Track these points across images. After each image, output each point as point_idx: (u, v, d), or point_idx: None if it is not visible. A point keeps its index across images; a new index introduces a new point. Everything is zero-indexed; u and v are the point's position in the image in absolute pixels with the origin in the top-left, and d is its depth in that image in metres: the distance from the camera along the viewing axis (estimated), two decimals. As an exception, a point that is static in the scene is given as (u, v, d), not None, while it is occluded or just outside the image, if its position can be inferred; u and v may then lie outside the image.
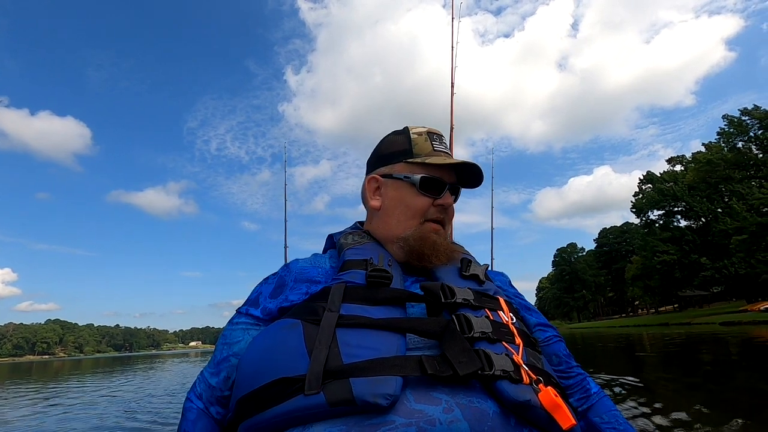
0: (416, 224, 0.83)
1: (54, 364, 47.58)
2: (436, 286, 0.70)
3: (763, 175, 30.23)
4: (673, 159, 47.43)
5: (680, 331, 23.39)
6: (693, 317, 36.65)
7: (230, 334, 0.76)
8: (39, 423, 5.45)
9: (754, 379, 5.20)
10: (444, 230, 0.86)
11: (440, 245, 0.81)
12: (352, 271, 0.75)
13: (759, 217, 26.58)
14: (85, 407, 6.82)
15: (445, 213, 0.86)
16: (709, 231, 39.25)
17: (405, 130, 0.89)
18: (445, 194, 0.84)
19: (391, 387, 0.53)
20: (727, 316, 31.48)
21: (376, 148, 0.94)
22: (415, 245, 0.81)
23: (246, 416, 0.60)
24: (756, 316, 29.10)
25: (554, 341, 0.83)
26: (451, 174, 0.87)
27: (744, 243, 28.54)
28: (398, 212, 0.85)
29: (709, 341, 12.78)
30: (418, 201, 0.83)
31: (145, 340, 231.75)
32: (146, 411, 6.03)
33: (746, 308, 33.64)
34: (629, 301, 62.88)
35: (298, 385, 0.56)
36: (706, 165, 33.93)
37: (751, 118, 30.88)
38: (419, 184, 0.83)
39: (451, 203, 0.86)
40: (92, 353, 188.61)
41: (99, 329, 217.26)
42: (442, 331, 0.62)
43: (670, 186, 43.08)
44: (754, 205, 26.42)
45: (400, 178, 0.85)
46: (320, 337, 0.60)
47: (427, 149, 0.85)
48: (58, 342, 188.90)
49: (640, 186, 47.26)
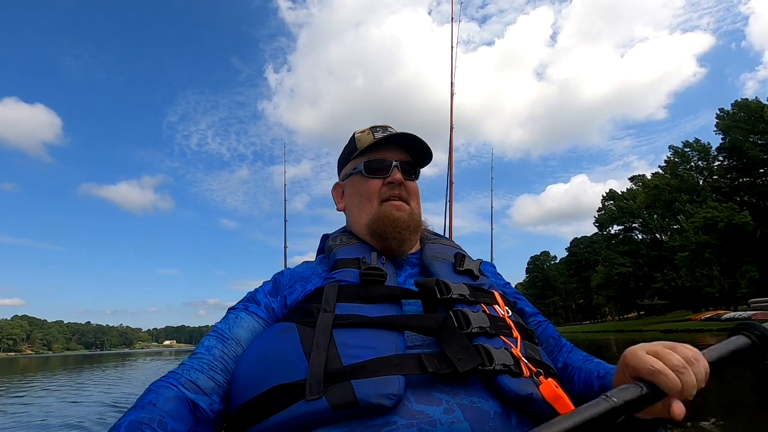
0: (375, 207, 0.86)
1: (20, 362, 46.28)
2: (431, 282, 0.70)
3: (701, 199, 33.96)
4: (634, 177, 51.34)
5: (632, 336, 26.85)
6: (646, 325, 40.24)
7: (228, 329, 0.71)
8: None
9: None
10: (408, 206, 0.87)
11: (400, 219, 0.83)
12: (344, 269, 0.76)
13: (698, 237, 29.91)
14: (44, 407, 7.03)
15: (399, 189, 0.86)
16: (662, 246, 43.11)
17: (352, 135, 0.94)
18: (393, 171, 0.86)
19: (395, 387, 0.53)
20: (673, 324, 35.12)
21: (337, 161, 0.99)
22: (376, 226, 0.83)
23: (247, 425, 0.58)
24: (697, 324, 32.64)
25: (545, 325, 0.84)
26: (399, 153, 0.89)
27: (686, 259, 32.07)
28: (357, 202, 0.89)
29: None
30: (369, 184, 0.87)
31: (117, 338, 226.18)
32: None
33: (690, 317, 37.35)
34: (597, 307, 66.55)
35: (299, 391, 0.55)
36: (654, 189, 38.16)
37: (692, 150, 35.35)
38: (364, 169, 0.87)
39: (401, 179, 0.86)
40: (61, 351, 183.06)
41: (69, 326, 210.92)
42: (440, 328, 0.62)
43: (629, 203, 46.85)
44: (698, 225, 29.73)
45: (351, 173, 0.91)
46: (317, 339, 0.59)
47: (368, 140, 0.88)
48: (25, 339, 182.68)
49: (603, 202, 51.06)
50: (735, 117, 31.88)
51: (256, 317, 0.74)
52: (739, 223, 27.36)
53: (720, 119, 33.13)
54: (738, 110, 31.84)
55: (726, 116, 32.69)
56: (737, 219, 27.52)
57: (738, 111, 31.81)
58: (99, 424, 5.98)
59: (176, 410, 0.59)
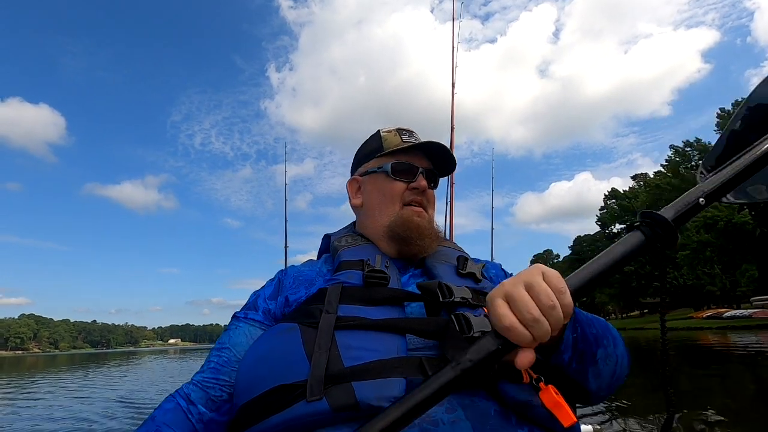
0: (397, 209, 0.86)
1: (27, 360, 46.42)
2: (433, 285, 0.69)
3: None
4: (637, 176, 51.57)
5: (633, 334, 27.25)
6: (647, 323, 40.51)
7: (227, 339, 0.75)
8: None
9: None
10: (426, 214, 0.88)
11: (424, 227, 0.84)
12: (348, 271, 0.76)
13: (698, 236, 30.19)
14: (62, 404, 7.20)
15: (422, 196, 0.87)
16: (664, 244, 42.91)
17: (377, 133, 0.94)
18: (418, 177, 0.87)
19: (395, 389, 0.53)
20: (674, 322, 35.48)
21: (354, 155, 0.99)
22: (399, 230, 0.83)
23: (247, 425, 0.59)
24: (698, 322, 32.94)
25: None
26: (424, 160, 0.90)
27: (687, 258, 32.36)
28: (378, 202, 0.89)
29: (644, 343, 14.98)
30: (394, 186, 0.87)
31: (122, 336, 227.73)
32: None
33: (691, 315, 37.69)
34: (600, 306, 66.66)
35: (299, 392, 0.55)
36: (655, 188, 38.50)
37: (693, 149, 35.61)
38: (391, 170, 0.87)
39: (425, 186, 0.87)
40: (67, 349, 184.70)
41: (75, 325, 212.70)
42: (442, 332, 0.61)
43: (631, 202, 47.01)
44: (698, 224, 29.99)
45: (374, 171, 0.90)
46: (319, 340, 0.60)
47: (396, 142, 0.89)
48: (33, 337, 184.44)
49: (606, 201, 51.30)
50: (735, 116, 31.98)
51: (255, 324, 0.76)
52: (739, 223, 27.64)
53: (721, 119, 33.38)
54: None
55: (727, 116, 32.87)
56: (737, 218, 27.80)
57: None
58: (105, 417, 6.23)
59: (173, 420, 0.66)
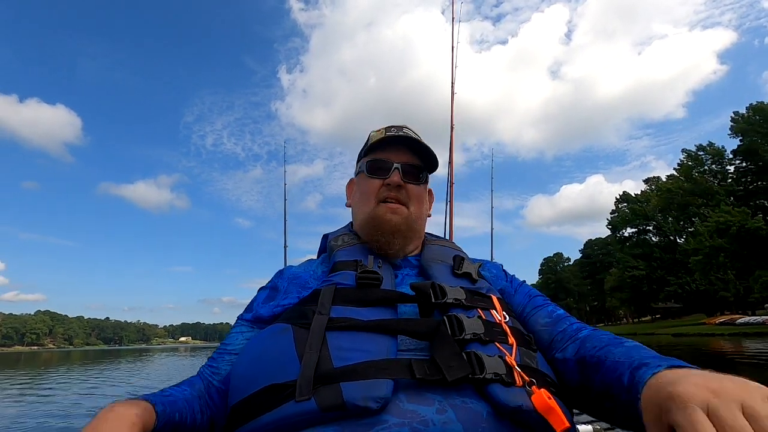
0: (372, 207, 0.86)
1: (43, 355, 46.98)
2: (426, 286, 0.69)
3: (715, 203, 33.80)
4: (649, 179, 50.98)
5: (643, 340, 26.99)
6: (659, 328, 40.09)
7: (228, 340, 0.79)
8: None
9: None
10: (406, 210, 0.86)
11: (396, 224, 0.83)
12: (342, 272, 0.76)
13: (711, 240, 29.84)
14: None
15: (398, 192, 0.85)
16: (676, 249, 42.90)
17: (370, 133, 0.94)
18: (392, 173, 0.85)
19: (382, 390, 0.53)
20: (686, 328, 35.02)
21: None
22: (368, 226, 0.85)
23: (238, 424, 0.59)
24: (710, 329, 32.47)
25: (551, 307, 0.78)
26: (405, 155, 0.88)
27: (700, 263, 31.92)
28: (358, 200, 0.91)
29: (656, 348, 15.39)
30: (369, 184, 0.87)
31: (134, 334, 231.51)
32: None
33: (704, 321, 37.13)
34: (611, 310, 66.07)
35: (289, 391, 0.55)
36: (667, 193, 38.17)
37: (705, 153, 35.16)
38: (366, 168, 0.88)
39: (398, 181, 0.85)
40: (81, 345, 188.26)
41: (89, 322, 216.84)
42: (433, 333, 0.61)
43: (643, 206, 46.59)
44: (711, 229, 29.66)
45: (359, 171, 0.92)
46: (311, 341, 0.60)
47: (378, 140, 0.87)
48: (48, 333, 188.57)
49: (617, 204, 50.77)
50: (750, 120, 31.72)
51: (252, 326, 0.79)
52: (752, 228, 27.30)
53: (735, 122, 32.96)
54: (753, 113, 31.64)
55: (741, 119, 32.51)
56: (750, 224, 27.46)
57: (753, 114, 31.62)
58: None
59: (180, 390, 0.69)
